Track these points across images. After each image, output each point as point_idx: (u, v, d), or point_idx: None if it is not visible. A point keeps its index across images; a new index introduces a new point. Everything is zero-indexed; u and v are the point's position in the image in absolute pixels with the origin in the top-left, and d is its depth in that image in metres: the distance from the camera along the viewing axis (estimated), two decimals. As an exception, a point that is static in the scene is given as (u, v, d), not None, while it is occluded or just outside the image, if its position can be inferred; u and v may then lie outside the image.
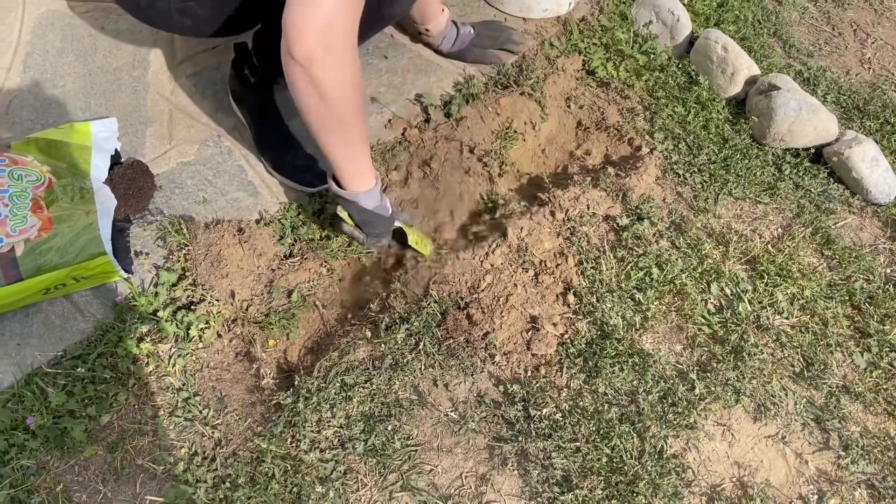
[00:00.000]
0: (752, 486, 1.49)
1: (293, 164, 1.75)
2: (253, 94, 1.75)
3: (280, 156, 1.75)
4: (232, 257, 1.59)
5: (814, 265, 1.86)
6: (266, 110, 1.75)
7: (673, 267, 1.75)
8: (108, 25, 1.95)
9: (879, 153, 2.05)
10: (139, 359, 1.49)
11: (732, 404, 1.58)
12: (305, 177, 1.75)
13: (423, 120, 1.96)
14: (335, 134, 1.40)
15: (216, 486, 1.39)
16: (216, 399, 1.49)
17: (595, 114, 2.14)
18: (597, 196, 1.87)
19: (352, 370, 1.53)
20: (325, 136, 1.40)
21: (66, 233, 1.44)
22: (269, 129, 1.75)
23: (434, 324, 1.62)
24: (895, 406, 1.62)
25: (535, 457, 1.47)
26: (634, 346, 1.63)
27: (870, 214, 2.03)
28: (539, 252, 1.75)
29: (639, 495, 1.42)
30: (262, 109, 1.75)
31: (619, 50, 2.22)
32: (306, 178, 1.75)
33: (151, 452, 1.42)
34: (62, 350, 1.48)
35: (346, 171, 1.48)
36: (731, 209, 1.97)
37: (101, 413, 1.42)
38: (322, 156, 1.49)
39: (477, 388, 1.57)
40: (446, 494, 1.43)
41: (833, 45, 2.58)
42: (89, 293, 1.55)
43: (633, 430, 1.51)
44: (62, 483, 1.37)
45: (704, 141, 2.09)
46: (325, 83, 1.27)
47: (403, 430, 1.49)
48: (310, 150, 1.77)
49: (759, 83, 2.18)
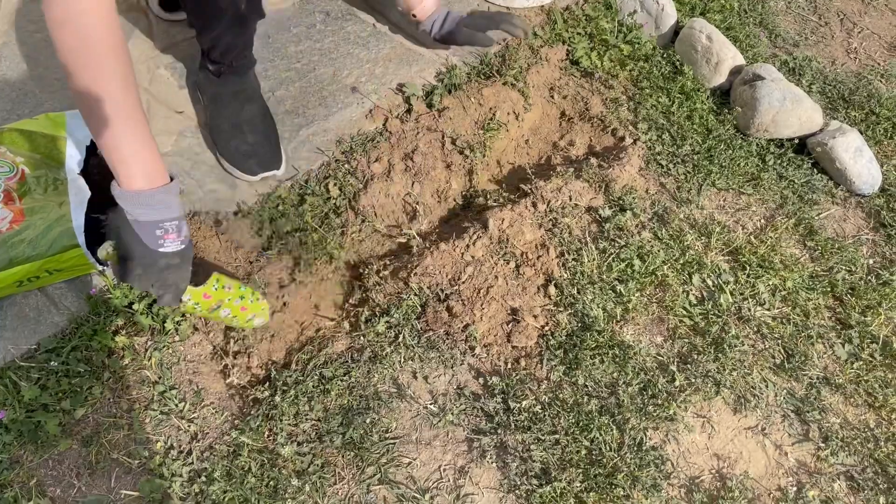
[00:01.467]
0: (730, 477, 1.49)
1: (238, 149, 1.72)
2: (210, 82, 1.73)
3: (226, 141, 1.72)
4: (209, 249, 1.58)
5: (796, 256, 1.85)
6: (220, 98, 1.73)
7: (655, 258, 1.74)
8: (85, 14, 1.92)
9: (863, 144, 2.04)
10: (114, 352, 1.48)
11: (712, 396, 1.57)
12: (248, 163, 1.71)
13: (405, 110, 1.95)
14: (82, 100, 1.14)
15: (192, 479, 1.37)
16: (193, 392, 1.48)
17: (579, 104, 2.12)
18: (579, 187, 1.86)
19: (330, 363, 1.52)
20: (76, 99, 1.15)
21: (39, 224, 1.42)
22: (221, 117, 1.73)
23: (414, 316, 1.61)
24: (875, 397, 1.62)
25: (514, 449, 1.47)
26: (615, 337, 1.63)
27: (853, 205, 2.03)
28: (520, 244, 1.74)
29: (617, 487, 1.41)
30: (216, 97, 1.73)
31: (604, 39, 2.21)
32: (247, 165, 1.71)
33: (127, 446, 1.41)
34: (36, 343, 1.46)
35: (109, 159, 1.19)
36: (714, 200, 1.96)
37: (75, 407, 1.41)
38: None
39: (456, 381, 1.56)
40: (424, 487, 1.42)
41: (819, 35, 2.57)
42: (64, 286, 1.53)
43: (613, 423, 1.50)
44: (36, 477, 1.36)
45: (688, 131, 2.08)
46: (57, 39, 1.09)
47: (382, 423, 1.48)
48: (258, 137, 1.73)
49: (744, 73, 2.17)
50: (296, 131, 1.84)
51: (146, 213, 1.18)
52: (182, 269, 1.24)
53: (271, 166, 1.72)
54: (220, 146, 1.73)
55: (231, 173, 1.73)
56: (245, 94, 1.74)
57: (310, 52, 1.99)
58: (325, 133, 1.85)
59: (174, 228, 1.20)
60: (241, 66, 1.72)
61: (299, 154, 1.81)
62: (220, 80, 1.72)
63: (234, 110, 1.73)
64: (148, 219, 1.18)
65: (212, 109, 1.76)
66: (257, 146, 1.72)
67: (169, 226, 1.20)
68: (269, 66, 1.92)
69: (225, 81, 1.72)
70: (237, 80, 1.72)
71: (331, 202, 1.76)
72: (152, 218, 1.18)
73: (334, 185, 1.78)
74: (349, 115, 1.89)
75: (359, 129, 1.88)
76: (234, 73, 1.71)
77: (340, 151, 1.84)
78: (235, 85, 1.73)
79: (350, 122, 1.88)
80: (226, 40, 1.60)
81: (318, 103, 1.90)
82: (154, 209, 1.18)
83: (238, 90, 1.73)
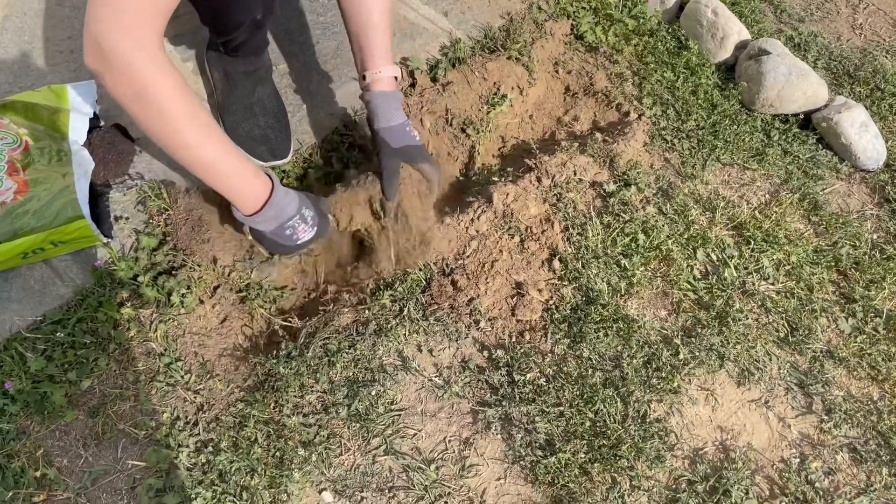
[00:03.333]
0: (734, 449, 1.49)
1: (250, 134, 1.70)
2: (221, 60, 1.70)
3: (238, 123, 1.71)
4: (213, 222, 1.57)
5: (800, 231, 1.85)
6: (232, 77, 1.70)
7: (659, 233, 1.74)
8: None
9: (869, 119, 2.03)
10: (120, 324, 1.48)
11: (716, 369, 1.58)
12: (259, 149, 1.70)
13: (409, 84, 1.94)
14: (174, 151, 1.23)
15: (198, 450, 1.38)
16: (198, 364, 1.48)
17: (583, 79, 2.11)
18: (584, 162, 1.85)
19: (336, 335, 1.52)
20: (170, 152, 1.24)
21: (43, 196, 1.41)
22: (233, 97, 1.71)
23: (419, 290, 1.61)
24: (879, 371, 1.62)
25: (519, 421, 1.47)
26: (619, 311, 1.63)
27: (858, 181, 2.02)
28: (525, 218, 1.73)
29: (622, 458, 1.42)
30: (228, 76, 1.71)
31: (608, 14, 2.19)
32: (258, 151, 1.70)
33: (133, 417, 1.41)
34: (41, 315, 1.46)
35: (221, 191, 1.33)
36: (718, 175, 1.95)
37: (81, 378, 1.41)
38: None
39: (461, 354, 1.57)
40: (429, 458, 1.43)
41: (825, 11, 2.55)
42: (69, 258, 1.53)
43: (617, 395, 1.51)
44: (42, 447, 1.36)
45: (693, 106, 2.07)
46: (118, 97, 1.14)
47: (387, 395, 1.49)
48: (270, 121, 1.72)
49: (749, 48, 2.16)
50: (299, 105, 1.83)
51: (271, 224, 1.39)
52: (319, 242, 1.52)
53: (281, 154, 1.71)
54: (228, 126, 1.71)
55: None
56: (257, 74, 1.71)
57: (313, 25, 1.98)
58: (329, 107, 1.84)
59: (299, 222, 1.43)
60: (255, 49, 1.68)
61: (302, 127, 1.80)
62: (232, 59, 1.68)
63: (247, 91, 1.71)
64: (275, 227, 1.40)
65: (222, 88, 1.73)
66: (269, 130, 1.71)
67: (293, 223, 1.42)
68: (271, 41, 1.91)
69: (237, 61, 1.69)
70: (250, 61, 1.69)
71: (333, 175, 1.75)
72: (278, 224, 1.40)
73: (338, 158, 1.77)
74: (353, 90, 1.88)
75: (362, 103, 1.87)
76: (248, 55, 1.68)
77: (343, 125, 1.83)
78: (249, 65, 1.69)
79: (353, 97, 1.87)
80: (241, 40, 1.58)
81: (322, 77, 1.89)
82: (274, 219, 1.39)
83: (251, 70, 1.70)
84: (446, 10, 2.09)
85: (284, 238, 1.43)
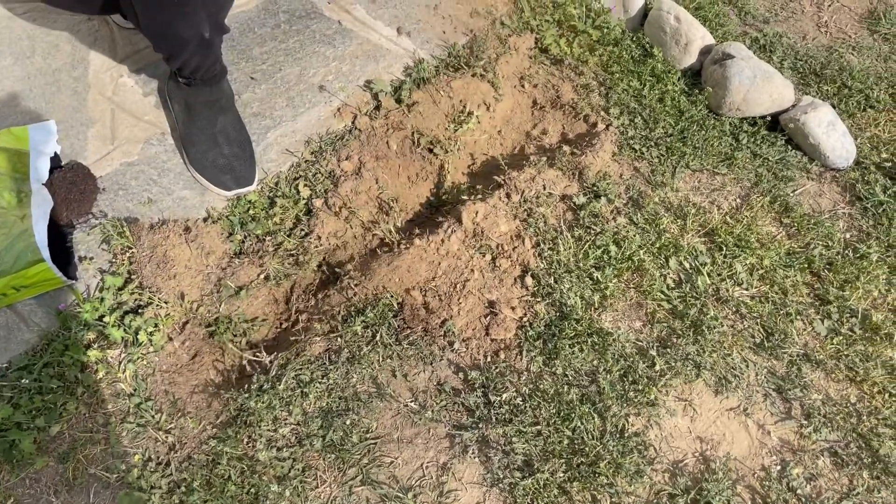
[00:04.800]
0: (714, 459, 1.48)
1: (214, 163, 1.69)
2: (181, 91, 1.70)
3: (201, 153, 1.70)
4: (179, 258, 1.56)
5: (772, 234, 1.85)
6: (192, 107, 1.69)
7: (631, 243, 1.73)
8: (46, 26, 1.89)
9: (836, 117, 2.03)
10: (87, 366, 1.46)
11: (693, 379, 1.57)
12: (223, 179, 1.69)
13: (374, 107, 1.93)
14: None
15: (171, 491, 1.36)
16: (169, 403, 1.46)
17: (550, 92, 2.11)
18: (553, 175, 1.85)
19: (308, 366, 1.51)
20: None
21: (2, 240, 1.40)
22: (195, 128, 1.70)
23: (391, 314, 1.60)
24: (856, 372, 1.62)
25: (496, 443, 1.46)
26: (593, 325, 1.62)
27: (828, 180, 2.02)
28: (495, 235, 1.73)
29: (601, 475, 1.41)
30: (189, 107, 1.70)
31: (572, 26, 2.19)
32: (222, 180, 1.69)
33: (104, 461, 1.39)
34: (7, 362, 1.44)
35: None
36: (688, 182, 1.95)
37: (50, 423, 1.39)
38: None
39: (436, 377, 1.55)
40: (407, 486, 1.41)
41: (789, 11, 2.56)
42: (33, 302, 1.51)
43: (594, 411, 1.50)
44: (13, 497, 1.34)
45: (661, 114, 2.07)
46: None
47: (362, 424, 1.47)
48: (235, 150, 1.71)
49: (714, 52, 2.16)
50: (263, 133, 1.81)
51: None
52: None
53: (245, 182, 1.70)
54: (192, 157, 1.70)
55: (203, 185, 1.71)
56: (219, 104, 1.70)
57: (275, 52, 1.97)
58: (294, 134, 1.83)
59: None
60: (213, 77, 1.67)
61: (268, 156, 1.79)
62: (191, 89, 1.68)
63: (208, 121, 1.70)
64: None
65: (183, 119, 1.72)
66: (233, 159, 1.70)
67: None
68: (234, 70, 1.90)
69: (197, 91, 1.68)
70: (210, 90, 1.68)
71: (301, 203, 1.74)
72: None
73: (304, 185, 1.76)
74: (317, 115, 1.87)
75: (327, 128, 1.87)
76: (206, 84, 1.67)
77: (310, 152, 1.82)
78: (208, 95, 1.69)
79: (318, 122, 1.86)
80: (194, 63, 1.57)
81: (286, 104, 1.88)
82: None
83: (211, 100, 1.69)
84: (409, 30, 2.09)
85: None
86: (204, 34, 1.49)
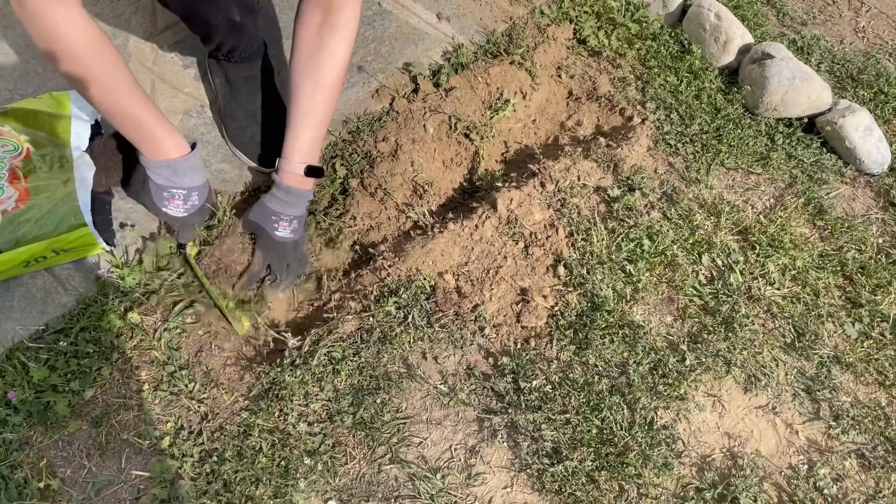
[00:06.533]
0: (741, 456, 1.48)
1: (253, 139, 1.70)
2: (221, 67, 1.70)
3: (240, 129, 1.71)
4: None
5: (806, 235, 1.84)
6: (233, 83, 1.70)
7: (664, 238, 1.73)
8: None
9: (873, 122, 2.02)
10: (123, 332, 1.47)
11: (723, 375, 1.57)
12: (261, 153, 1.70)
13: (412, 90, 1.93)
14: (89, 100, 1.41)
15: (202, 460, 1.37)
16: (202, 373, 1.47)
17: (586, 83, 2.11)
18: (588, 167, 1.84)
19: (340, 343, 1.51)
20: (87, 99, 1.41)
21: (44, 204, 1.40)
22: (235, 103, 1.71)
23: (423, 297, 1.60)
24: (886, 376, 1.62)
25: (525, 429, 1.46)
26: (625, 317, 1.62)
27: (862, 184, 2.02)
28: (529, 224, 1.73)
29: (629, 466, 1.41)
30: (229, 82, 1.70)
31: (611, 18, 2.18)
32: (260, 155, 1.70)
33: (136, 427, 1.40)
34: (44, 324, 1.45)
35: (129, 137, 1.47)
36: (723, 180, 1.95)
37: (84, 388, 1.40)
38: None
39: (466, 361, 1.56)
40: (435, 467, 1.42)
41: (827, 14, 2.55)
42: (71, 266, 1.52)
43: (624, 402, 1.50)
44: (46, 458, 1.35)
45: (696, 111, 2.06)
46: (36, 45, 1.33)
47: (392, 403, 1.48)
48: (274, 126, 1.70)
49: (753, 52, 2.15)
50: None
51: (160, 176, 1.51)
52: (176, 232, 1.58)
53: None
54: (231, 132, 1.71)
55: (241, 159, 1.71)
56: (258, 79, 1.71)
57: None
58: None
59: (182, 198, 1.53)
60: (251, 55, 1.68)
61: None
62: (231, 64, 1.68)
63: (248, 97, 1.71)
64: (162, 181, 1.51)
65: (224, 94, 1.73)
66: (269, 137, 1.70)
67: (177, 192, 1.52)
68: (273, 46, 1.90)
69: (236, 67, 1.69)
70: (249, 66, 1.69)
71: (337, 182, 1.75)
72: (165, 180, 1.51)
73: (341, 164, 1.76)
74: (355, 95, 1.87)
75: (365, 108, 1.87)
76: (246, 61, 1.68)
77: (347, 131, 1.83)
78: (247, 71, 1.69)
79: (357, 102, 1.87)
80: (228, 44, 1.58)
81: (324, 83, 1.87)
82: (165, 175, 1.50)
83: (251, 76, 1.70)
84: (448, 15, 2.08)
85: (158, 196, 1.51)
86: (234, 18, 1.49)
